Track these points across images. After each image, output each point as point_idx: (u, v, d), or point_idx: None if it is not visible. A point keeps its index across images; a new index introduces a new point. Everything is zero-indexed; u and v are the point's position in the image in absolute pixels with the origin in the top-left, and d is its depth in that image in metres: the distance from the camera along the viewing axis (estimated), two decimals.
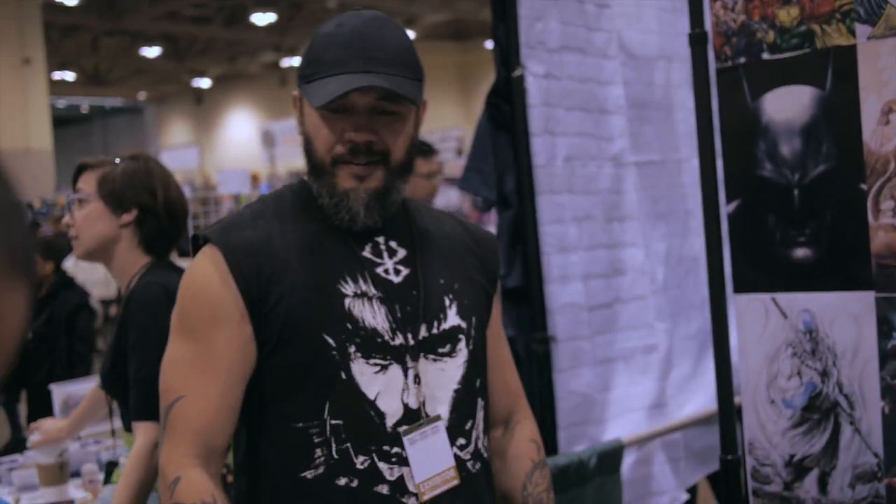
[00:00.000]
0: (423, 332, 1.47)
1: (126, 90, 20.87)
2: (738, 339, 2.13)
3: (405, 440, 1.42)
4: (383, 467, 1.41)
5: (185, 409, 1.39)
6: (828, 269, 1.98)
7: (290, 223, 1.48)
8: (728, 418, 2.21)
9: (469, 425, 1.51)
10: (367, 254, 1.49)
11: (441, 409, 1.47)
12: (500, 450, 1.67)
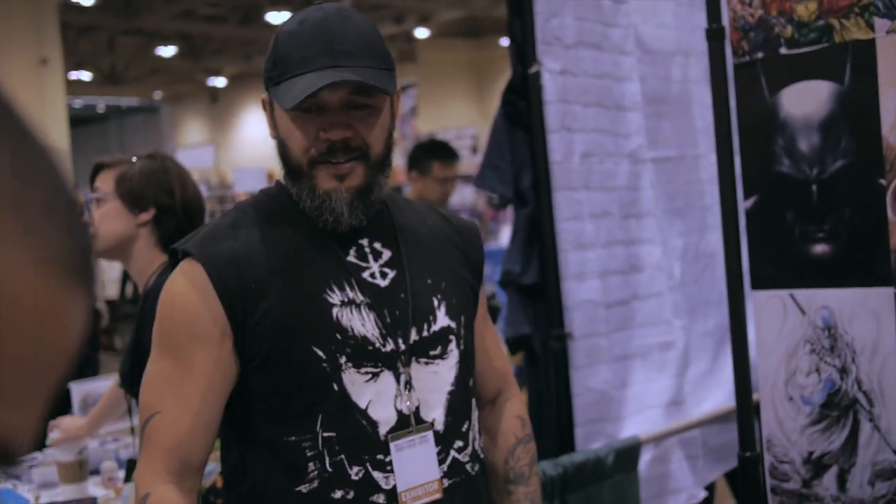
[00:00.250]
0: (414, 336, 1.45)
1: (142, 90, 20.94)
2: (756, 336, 2.11)
3: (392, 446, 1.40)
4: (378, 476, 1.40)
5: (159, 425, 1.37)
6: (846, 265, 1.96)
7: (272, 231, 1.44)
8: (746, 415, 2.20)
9: (465, 427, 1.50)
10: (351, 258, 1.45)
11: (436, 413, 1.45)
12: (487, 426, 1.69)
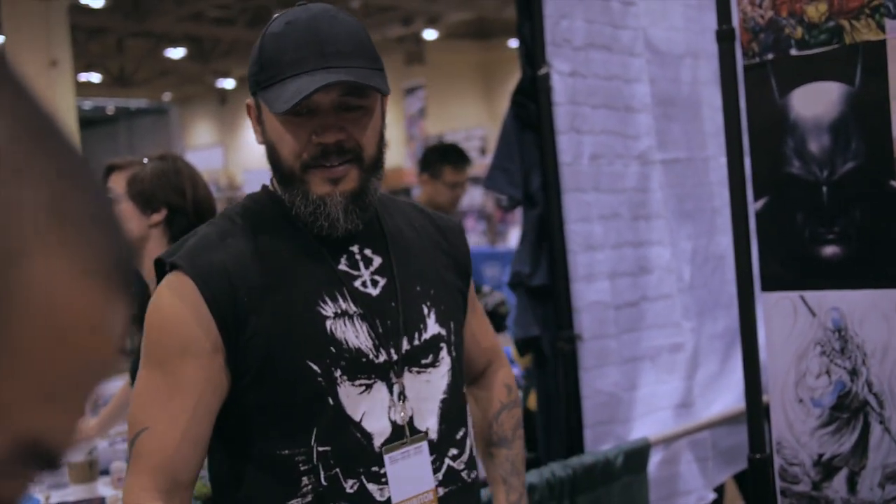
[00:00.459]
0: (405, 346, 1.43)
1: (151, 91, 20.96)
2: (766, 338, 2.11)
3: (386, 458, 1.39)
4: (373, 489, 1.38)
5: (147, 441, 1.34)
6: (857, 267, 1.96)
7: (261, 241, 1.41)
8: (756, 417, 2.20)
9: (461, 434, 1.49)
10: (343, 267, 1.43)
11: (430, 422, 1.44)
12: (474, 394, 1.69)
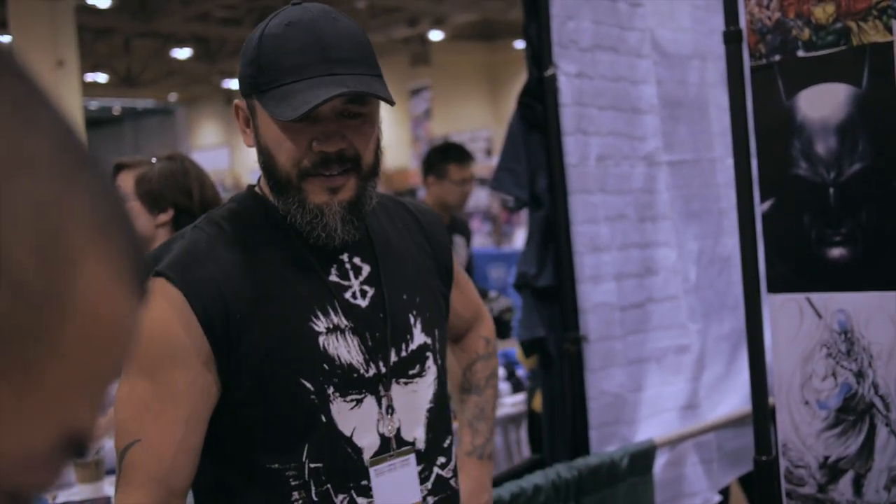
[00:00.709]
0: (393, 358, 1.42)
1: (157, 92, 21.01)
2: (772, 340, 2.11)
3: (371, 471, 1.38)
4: (362, 502, 1.38)
5: (141, 453, 1.30)
6: (863, 269, 1.96)
7: (252, 252, 1.38)
8: (762, 419, 2.20)
9: (448, 442, 1.49)
10: (333, 277, 1.41)
11: (417, 432, 1.43)
12: (454, 350, 1.71)
